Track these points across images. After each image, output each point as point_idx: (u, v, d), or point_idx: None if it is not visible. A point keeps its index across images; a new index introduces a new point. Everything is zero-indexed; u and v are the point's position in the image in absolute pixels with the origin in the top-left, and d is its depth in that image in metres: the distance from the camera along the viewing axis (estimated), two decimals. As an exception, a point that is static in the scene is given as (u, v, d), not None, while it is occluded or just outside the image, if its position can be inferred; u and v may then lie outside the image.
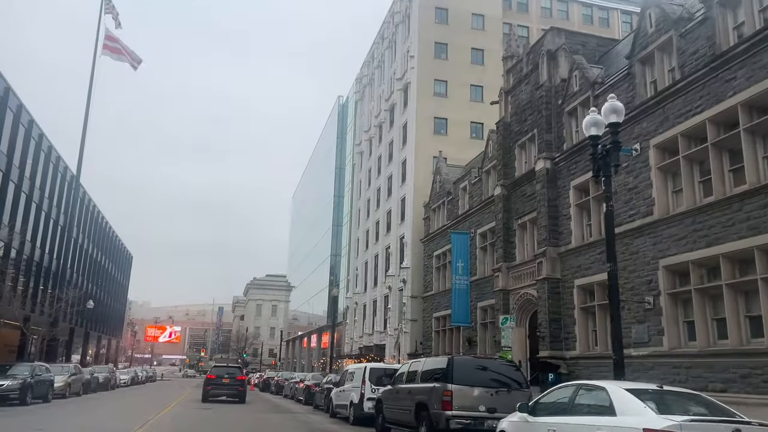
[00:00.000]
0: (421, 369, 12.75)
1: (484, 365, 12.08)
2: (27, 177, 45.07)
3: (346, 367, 19.71)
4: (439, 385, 11.35)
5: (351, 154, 63.18)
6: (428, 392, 11.68)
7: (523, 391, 11.62)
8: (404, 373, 13.81)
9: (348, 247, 60.73)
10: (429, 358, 12.73)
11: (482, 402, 11.08)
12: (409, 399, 12.62)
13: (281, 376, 39.92)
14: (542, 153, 23.77)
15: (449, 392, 10.98)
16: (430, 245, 37.30)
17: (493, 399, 11.16)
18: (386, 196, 48.40)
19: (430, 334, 36.00)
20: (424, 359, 13.02)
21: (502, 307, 25.85)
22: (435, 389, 11.44)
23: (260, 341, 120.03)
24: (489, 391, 11.27)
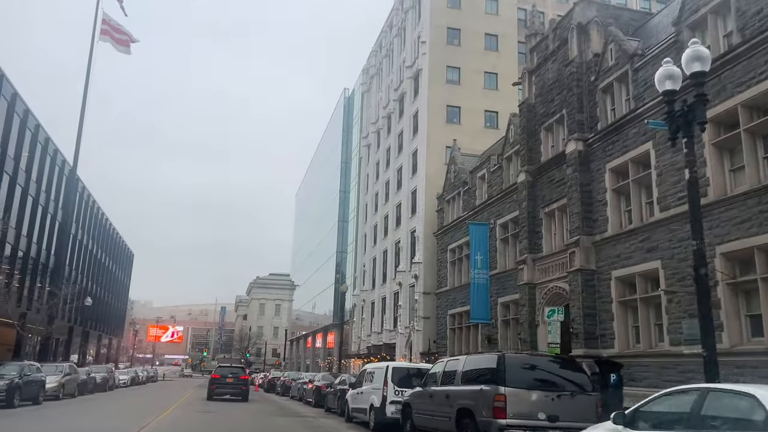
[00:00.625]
0: (461, 369, 10.83)
1: (541, 364, 10.11)
2: (22, 169, 43.33)
3: (364, 366, 17.77)
4: (489, 387, 9.44)
5: (357, 148, 61.32)
6: (474, 396, 9.80)
7: (589, 396, 9.72)
8: (438, 374, 11.92)
9: (354, 243, 58.87)
10: (471, 356, 10.80)
11: (541, 408, 9.19)
12: (446, 404, 10.74)
13: (288, 376, 38.06)
14: (573, 134, 21.86)
15: (502, 396, 9.08)
16: (443, 239, 35.41)
17: (554, 404, 9.27)
18: (396, 189, 46.52)
19: (444, 332, 34.13)
20: (464, 357, 11.08)
21: (528, 302, 23.97)
22: (483, 393, 9.54)
23: (263, 341, 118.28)
24: (549, 395, 9.37)
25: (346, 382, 20.84)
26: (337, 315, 63.85)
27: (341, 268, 64.99)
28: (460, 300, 32.19)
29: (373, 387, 15.51)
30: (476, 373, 10.29)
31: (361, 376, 17.32)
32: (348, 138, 67.45)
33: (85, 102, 38.19)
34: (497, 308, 27.76)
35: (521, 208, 25.37)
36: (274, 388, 41.33)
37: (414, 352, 37.61)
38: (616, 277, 19.51)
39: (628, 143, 19.59)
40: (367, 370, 16.68)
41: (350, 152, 66.32)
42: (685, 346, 16.17)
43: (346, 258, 63.90)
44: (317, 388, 25.55)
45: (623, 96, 20.61)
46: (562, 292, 22.26)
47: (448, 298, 33.98)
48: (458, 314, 32.47)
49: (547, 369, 9.95)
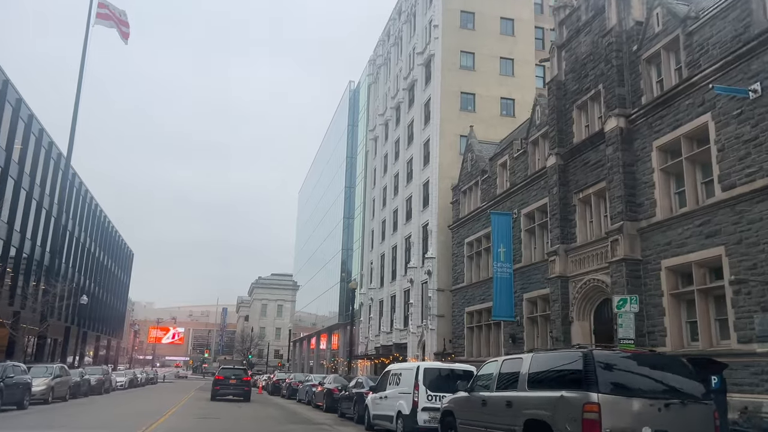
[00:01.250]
0: (525, 369, 8.62)
1: (640, 365, 7.75)
2: (15, 161, 41.28)
3: (387, 368, 15.56)
4: (575, 394, 7.27)
5: (364, 141, 59.20)
6: (550, 405, 7.64)
7: (704, 405, 7.54)
8: (492, 376, 9.74)
9: (361, 240, 56.73)
10: (539, 354, 8.59)
11: (647, 421, 6.99)
12: (508, 414, 8.60)
13: (294, 378, 35.91)
14: (613, 110, 19.72)
15: (595, 406, 6.86)
16: (460, 232, 33.27)
17: (661, 416, 7.08)
18: (405, 182, 44.40)
19: (461, 330, 31.99)
20: (529, 354, 8.86)
21: (560, 297, 21.81)
22: (566, 401, 7.37)
23: (266, 342, 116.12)
24: (655, 405, 7.14)
25: (363, 384, 18.72)
26: (342, 314, 61.67)
27: (347, 266, 62.85)
28: (479, 296, 30.06)
29: (400, 391, 13.39)
30: (550, 375, 8.13)
31: (383, 378, 15.17)
32: (353, 132, 65.34)
33: (79, 90, 36.12)
34: (522, 305, 25.62)
35: (551, 194, 23.23)
36: (279, 390, 39.18)
37: (427, 352, 35.47)
38: (667, 267, 17.37)
39: (680, 117, 17.45)
40: (391, 372, 14.53)
41: (356, 147, 64.21)
42: (758, 344, 14.05)
43: (351, 255, 61.78)
44: (329, 392, 23.39)
45: (672, 65, 18.49)
46: (602, 286, 20.12)
47: (465, 294, 31.84)
48: (477, 312, 30.34)
49: (648, 370, 7.69)
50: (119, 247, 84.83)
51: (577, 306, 21.35)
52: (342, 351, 60.90)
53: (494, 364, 10.22)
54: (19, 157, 42.04)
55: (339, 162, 68.52)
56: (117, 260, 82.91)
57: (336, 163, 70.59)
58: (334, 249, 66.86)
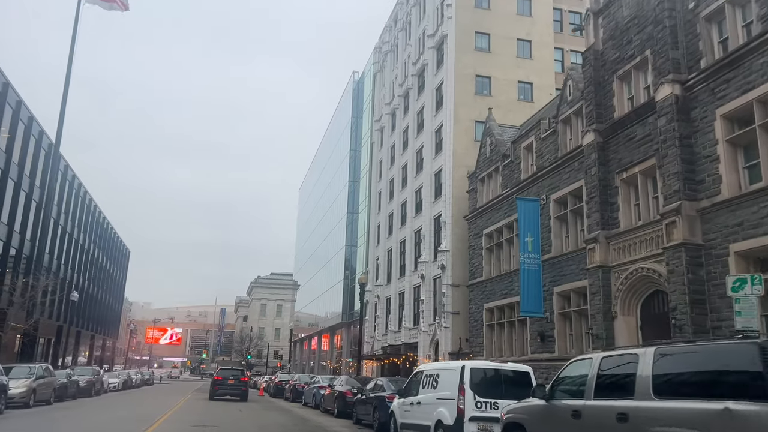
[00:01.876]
0: (648, 370, 6.14)
1: None
2: (1, 149, 38.87)
3: (420, 367, 13.09)
4: (754, 407, 4.95)
5: (369, 133, 56.84)
6: (704, 421, 5.24)
7: None
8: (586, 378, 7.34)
9: (366, 235, 54.35)
10: (663, 347, 6.22)
11: None
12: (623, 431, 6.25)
13: (299, 379, 33.47)
14: (666, 76, 17.37)
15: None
16: (477, 222, 30.92)
17: None
18: (415, 172, 42.04)
19: (479, 329, 29.63)
20: (646, 349, 6.44)
21: (601, 289, 19.44)
22: (737, 417, 5.02)
23: (265, 342, 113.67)
24: None
25: (384, 387, 16.36)
26: (346, 313, 59.32)
27: (351, 263, 60.46)
28: (500, 291, 27.71)
29: (438, 396, 11.04)
30: (695, 377, 5.77)
31: (413, 381, 12.78)
32: (358, 124, 62.97)
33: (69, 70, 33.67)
34: (552, 299, 23.26)
35: (588, 175, 20.87)
36: (281, 392, 36.76)
37: (441, 351, 33.11)
38: (737, 252, 15.02)
39: (752, 79, 15.10)
40: (424, 373, 12.13)
41: (360, 139, 61.84)
42: None
43: (356, 252, 59.39)
44: (340, 395, 20.98)
45: (739, 21, 16.16)
46: (652, 276, 17.76)
47: (483, 289, 29.49)
48: (498, 308, 27.97)
49: None
50: (115, 245, 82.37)
51: (621, 299, 18.99)
52: (346, 351, 58.55)
53: (585, 363, 7.81)
54: (6, 145, 39.67)
55: (342, 155, 66.15)
56: (112, 258, 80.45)
57: (339, 157, 68.22)
58: (337, 245, 64.48)
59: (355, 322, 56.99)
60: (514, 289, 26.38)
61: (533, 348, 24.23)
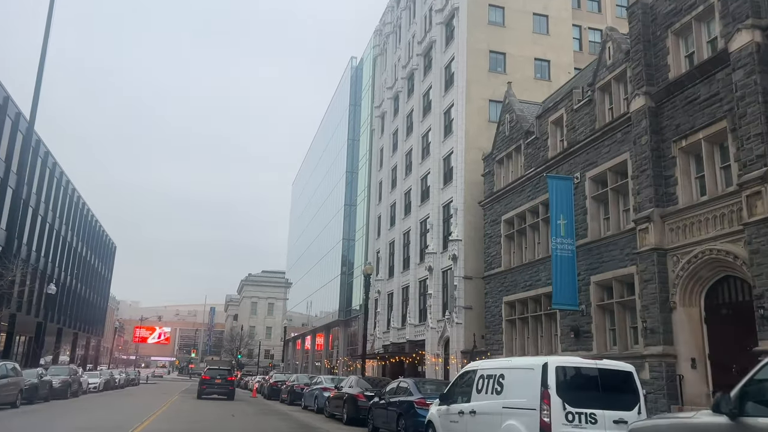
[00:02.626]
0: None
1: None
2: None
3: (470, 365, 10.09)
4: None
5: (368, 120, 53.95)
6: None
7: None
8: None
9: (365, 228, 51.46)
10: None
11: None
12: None
13: (297, 380, 30.48)
14: (743, 21, 14.65)
15: None
16: (494, 208, 28.15)
17: None
18: (420, 158, 39.24)
19: (497, 324, 26.86)
20: None
21: (657, 276, 16.70)
22: None
23: (256, 341, 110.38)
24: None
25: (409, 390, 13.54)
26: (343, 310, 56.41)
27: (348, 257, 57.54)
28: (523, 282, 24.94)
29: (506, 404, 8.17)
30: None
31: (460, 383, 9.91)
32: (356, 112, 60.05)
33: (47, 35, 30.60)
34: (589, 290, 20.52)
35: (637, 146, 18.12)
36: (277, 394, 33.78)
37: (452, 350, 30.32)
38: None
39: None
40: (479, 373, 9.18)
41: (358, 128, 58.92)
42: None
43: (353, 246, 56.49)
44: (351, 399, 18.10)
45: (840, -49, 13.46)
46: (725, 258, 15.03)
47: (503, 281, 26.72)
48: (520, 301, 25.21)
49: None
50: (100, 240, 78.88)
51: (681, 287, 16.25)
52: (342, 349, 55.68)
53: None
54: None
55: (339, 145, 63.21)
56: (98, 253, 76.98)
57: (336, 147, 65.27)
58: (334, 239, 61.53)
59: (353, 319, 54.17)
60: (540, 279, 23.64)
61: (565, 345, 21.48)
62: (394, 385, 15.27)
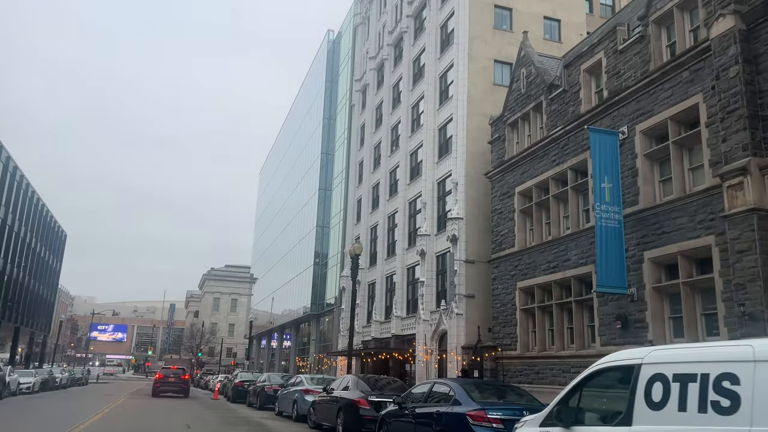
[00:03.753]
0: None
1: None
2: None
3: (625, 355, 5.80)
4: None
5: (347, 96, 49.38)
6: None
7: None
8: None
9: (342, 213, 46.89)
10: None
11: None
12: None
13: (269, 380, 25.59)
14: None
15: None
16: (506, 179, 24.03)
17: None
18: (410, 131, 34.95)
19: (508, 315, 22.73)
20: None
21: (757, 244, 12.72)
22: None
23: (218, 338, 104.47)
24: None
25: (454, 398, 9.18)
26: (316, 303, 51.75)
27: (322, 246, 52.86)
28: (545, 264, 20.85)
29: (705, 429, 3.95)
30: None
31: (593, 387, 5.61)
32: (332, 89, 55.41)
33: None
34: (641, 269, 16.51)
35: (723, 80, 14.10)
36: (243, 396, 28.98)
37: (450, 345, 26.10)
38: None
39: None
40: (653, 371, 4.60)
41: (335, 107, 54.33)
42: None
43: (328, 234, 51.87)
44: (349, 405, 13.61)
45: None
46: None
47: (516, 264, 22.59)
48: (540, 286, 21.10)
49: None
50: (48, 227, 72.25)
51: (789, 260, 12.29)
52: (316, 346, 51.02)
53: None
54: None
55: (314, 126, 58.46)
56: (45, 241, 70.41)
57: (310, 128, 60.50)
58: (307, 227, 56.77)
59: (326, 313, 49.60)
60: (570, 259, 19.58)
61: (607, 337, 17.43)
62: (423, 389, 10.82)
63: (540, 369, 20.41)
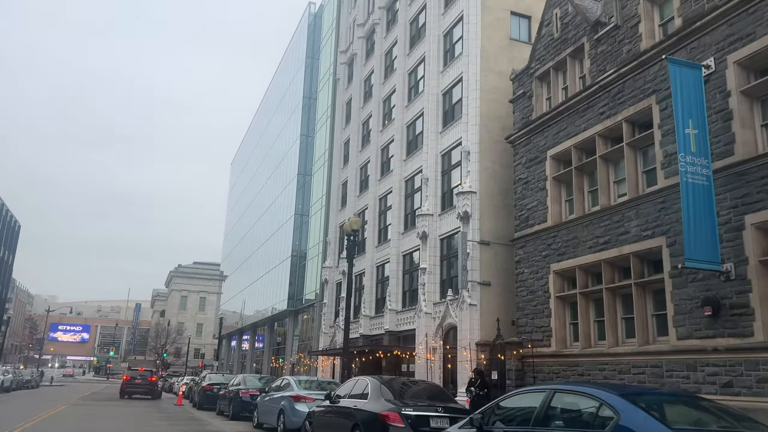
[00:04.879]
0: None
1: None
2: None
3: None
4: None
5: (330, 71, 45.05)
6: None
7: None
8: None
9: (324, 198, 42.49)
10: None
11: None
12: None
13: (245, 383, 20.85)
14: None
15: None
16: (535, 142, 20.07)
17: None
18: (407, 99, 30.89)
19: (540, 304, 18.75)
20: None
21: None
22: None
23: (185, 338, 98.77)
24: None
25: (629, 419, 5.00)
26: (294, 299, 47.25)
27: (301, 237, 48.39)
28: (591, 240, 16.91)
29: None
30: None
31: None
32: (314, 66, 51.00)
33: None
34: (742, 239, 12.66)
35: None
36: (212, 401, 24.40)
37: (461, 341, 22.04)
38: None
39: None
40: None
41: (316, 85, 49.95)
42: None
43: (307, 223, 47.41)
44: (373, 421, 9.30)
45: None
46: None
47: (550, 242, 18.63)
48: (584, 268, 17.16)
49: None
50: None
51: None
52: (292, 346, 46.53)
53: None
54: None
55: (293, 106, 53.95)
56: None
57: (288, 109, 55.95)
58: (284, 216, 52.23)
59: (304, 309, 45.17)
60: (629, 231, 15.65)
61: (687, 328, 13.52)
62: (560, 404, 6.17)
63: (585, 370, 16.44)
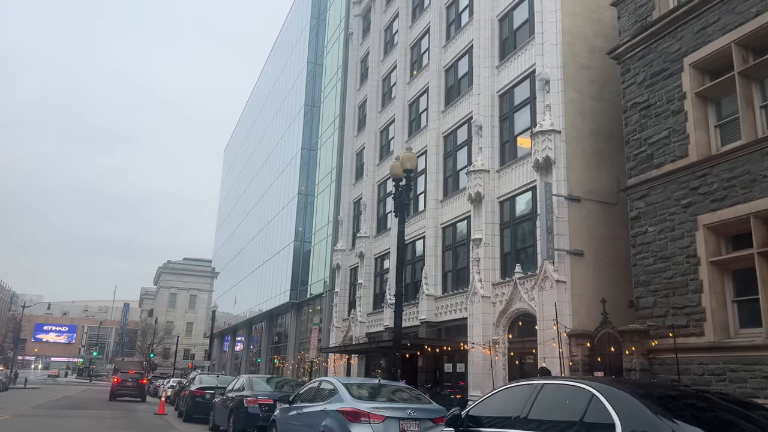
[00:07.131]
0: None
1: None
2: None
3: None
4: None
5: (340, 27, 39.18)
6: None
7: None
8: None
9: (335, 171, 36.57)
10: None
11: None
12: None
13: (252, 388, 14.36)
14: None
15: None
16: (660, 50, 14.28)
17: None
18: (445, 37, 25.19)
19: (679, 275, 12.94)
20: None
21: None
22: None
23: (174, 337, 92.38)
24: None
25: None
26: (296, 289, 41.32)
27: (305, 219, 42.46)
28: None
29: None
30: None
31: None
32: (320, 28, 45.13)
33: None
34: None
35: None
36: (203, 411, 18.38)
37: (544, 332, 16.21)
38: None
39: None
40: None
41: (322, 48, 44.08)
42: None
43: (312, 203, 41.49)
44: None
45: None
46: None
47: (697, 185, 12.85)
48: (762, 217, 11.39)
49: None
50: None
51: None
52: (294, 343, 40.61)
53: None
54: None
55: (296, 74, 48.06)
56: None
57: (290, 78, 50.05)
58: (286, 197, 46.29)
59: (310, 301, 39.28)
60: None
61: None
62: None
63: (779, 369, 10.66)
